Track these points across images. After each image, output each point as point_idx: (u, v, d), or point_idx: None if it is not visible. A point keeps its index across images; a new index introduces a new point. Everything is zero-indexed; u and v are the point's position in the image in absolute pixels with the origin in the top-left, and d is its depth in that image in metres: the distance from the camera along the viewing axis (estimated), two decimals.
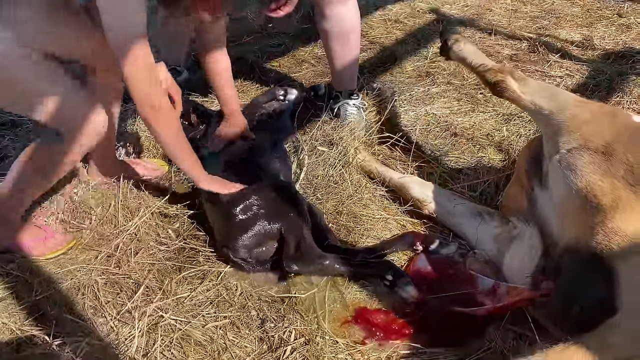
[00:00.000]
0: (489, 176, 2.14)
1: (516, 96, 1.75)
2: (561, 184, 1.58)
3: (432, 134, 2.48)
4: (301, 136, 2.37)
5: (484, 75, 1.85)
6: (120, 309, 1.65)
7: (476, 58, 1.92)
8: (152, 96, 1.59)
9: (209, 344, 1.55)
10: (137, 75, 1.54)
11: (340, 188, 2.09)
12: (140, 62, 1.53)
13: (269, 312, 1.64)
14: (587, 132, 1.57)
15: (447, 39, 2.06)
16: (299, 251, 1.72)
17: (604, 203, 1.44)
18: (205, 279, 1.74)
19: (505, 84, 1.76)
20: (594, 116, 1.61)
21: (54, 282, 1.73)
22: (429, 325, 1.59)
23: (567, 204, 1.56)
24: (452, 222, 1.94)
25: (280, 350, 1.52)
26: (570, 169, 1.54)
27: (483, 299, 1.59)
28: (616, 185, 1.45)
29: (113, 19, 1.48)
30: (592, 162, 1.51)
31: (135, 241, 1.88)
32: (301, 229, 1.74)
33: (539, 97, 1.70)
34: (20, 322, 1.60)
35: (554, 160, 1.62)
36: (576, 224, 1.51)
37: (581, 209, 1.50)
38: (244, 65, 3.05)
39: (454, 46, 2.01)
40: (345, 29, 2.34)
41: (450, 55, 2.05)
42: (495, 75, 1.79)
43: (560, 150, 1.60)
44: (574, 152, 1.56)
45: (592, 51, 3.13)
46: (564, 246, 1.54)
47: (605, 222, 1.41)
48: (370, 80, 2.88)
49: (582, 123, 1.59)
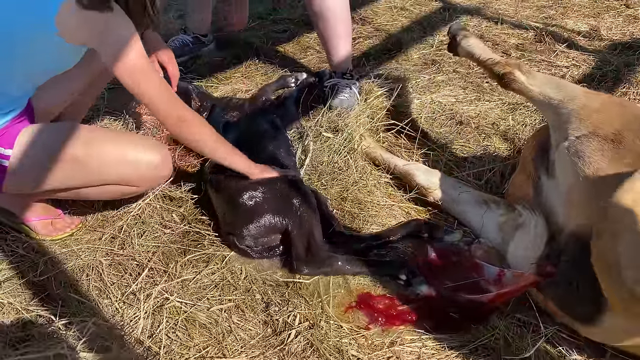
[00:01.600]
0: (495, 164, 2.13)
1: (524, 87, 1.79)
2: (569, 171, 1.59)
3: (438, 122, 2.47)
4: (306, 122, 2.36)
5: (491, 68, 1.89)
6: (124, 290, 1.66)
7: (484, 53, 1.97)
8: (173, 110, 1.63)
9: (214, 326, 1.55)
10: (152, 100, 1.59)
11: (345, 174, 2.09)
12: (151, 84, 1.57)
13: (273, 295, 1.64)
14: (597, 120, 1.59)
15: (455, 34, 2.09)
16: (309, 253, 1.71)
17: (612, 190, 1.44)
18: (210, 262, 1.74)
19: (514, 75, 1.80)
20: (603, 105, 1.64)
21: (59, 263, 1.74)
22: (434, 312, 1.59)
23: (574, 192, 1.57)
24: (456, 210, 1.94)
25: (285, 333, 1.53)
26: (579, 155, 1.56)
27: (488, 287, 1.60)
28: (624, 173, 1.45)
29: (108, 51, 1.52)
30: (601, 149, 1.53)
31: (140, 223, 1.89)
32: (311, 227, 1.74)
33: (547, 87, 1.74)
34: (26, 302, 1.60)
35: (561, 147, 1.63)
36: (582, 211, 1.51)
37: (588, 196, 1.50)
38: (249, 51, 3.03)
39: (462, 42, 2.05)
40: (331, 10, 2.38)
41: (458, 51, 2.09)
42: (503, 68, 1.84)
43: (569, 137, 1.61)
44: (583, 139, 1.57)
45: (599, 42, 3.11)
46: (569, 232, 1.55)
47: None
48: (376, 68, 2.86)
49: (593, 111, 1.62)
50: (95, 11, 1.46)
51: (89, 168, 1.64)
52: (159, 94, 1.60)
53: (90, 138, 1.66)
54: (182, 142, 1.74)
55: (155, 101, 1.60)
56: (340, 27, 2.43)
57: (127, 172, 1.69)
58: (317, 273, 1.71)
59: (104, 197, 1.80)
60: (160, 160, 1.71)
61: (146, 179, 1.74)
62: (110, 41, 1.51)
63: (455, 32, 2.10)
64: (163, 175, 1.77)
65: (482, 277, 1.64)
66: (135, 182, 1.73)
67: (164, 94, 1.61)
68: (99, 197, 1.80)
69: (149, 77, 1.57)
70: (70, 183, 1.68)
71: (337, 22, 2.42)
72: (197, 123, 1.69)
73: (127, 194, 1.80)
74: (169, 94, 1.63)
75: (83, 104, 1.96)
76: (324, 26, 2.44)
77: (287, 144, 2.16)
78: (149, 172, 1.71)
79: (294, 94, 2.51)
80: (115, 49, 1.51)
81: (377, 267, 1.70)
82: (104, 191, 1.73)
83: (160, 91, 1.60)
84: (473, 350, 1.49)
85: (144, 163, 1.69)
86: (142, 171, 1.70)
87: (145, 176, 1.72)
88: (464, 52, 2.05)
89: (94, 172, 1.65)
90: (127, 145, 1.69)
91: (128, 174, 1.69)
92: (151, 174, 1.73)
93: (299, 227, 1.74)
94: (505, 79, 1.82)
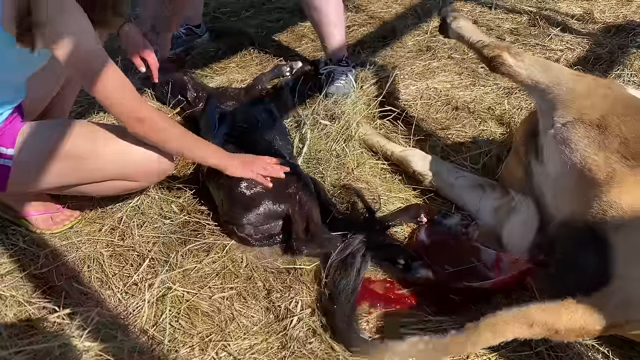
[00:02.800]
0: (491, 148, 2.15)
1: (512, 71, 1.75)
2: (556, 159, 1.59)
3: (434, 108, 2.48)
4: (302, 110, 2.37)
5: (481, 51, 1.85)
6: (126, 280, 1.67)
7: (474, 35, 1.93)
8: (134, 111, 1.55)
9: (216, 314, 1.57)
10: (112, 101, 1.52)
11: (343, 162, 2.10)
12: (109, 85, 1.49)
13: (274, 282, 1.66)
14: (582, 105, 1.57)
15: (445, 16, 2.06)
16: (309, 233, 1.73)
17: (599, 177, 1.45)
18: (211, 251, 1.75)
19: (502, 58, 1.76)
20: (589, 89, 1.62)
21: (60, 255, 1.74)
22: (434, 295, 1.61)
23: (562, 180, 1.57)
24: (453, 194, 1.95)
25: (287, 320, 1.54)
26: (565, 143, 1.55)
27: (486, 272, 1.61)
28: (610, 159, 1.46)
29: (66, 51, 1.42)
30: (587, 136, 1.52)
31: (139, 214, 1.89)
32: (310, 210, 1.75)
33: (535, 71, 1.70)
34: (29, 294, 1.61)
35: (549, 134, 1.62)
36: (572, 199, 1.52)
37: (576, 183, 1.51)
38: (244, 41, 3.02)
39: (452, 24, 2.01)
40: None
41: (449, 33, 2.05)
42: (492, 50, 1.80)
43: (555, 125, 1.60)
44: (569, 126, 1.56)
45: (592, 24, 3.12)
46: (560, 220, 1.55)
47: (601, 196, 1.42)
48: (371, 55, 2.87)
49: (578, 96, 1.60)
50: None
51: (91, 165, 1.63)
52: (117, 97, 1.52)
53: (92, 135, 1.64)
54: (148, 142, 1.63)
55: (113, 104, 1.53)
56: (333, 15, 2.43)
57: (129, 167, 1.68)
58: (317, 254, 1.72)
59: (106, 193, 1.79)
60: (165, 154, 1.70)
61: (149, 174, 1.73)
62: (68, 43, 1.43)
63: (445, 14, 2.07)
64: (166, 169, 1.75)
65: (480, 260, 1.65)
66: (138, 177, 1.72)
67: (121, 95, 1.53)
68: (102, 193, 1.79)
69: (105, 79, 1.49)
70: (74, 181, 1.67)
71: (329, 10, 2.42)
72: (159, 122, 1.61)
73: (130, 189, 1.79)
74: (128, 95, 1.54)
75: (68, 96, 1.94)
76: (317, 15, 2.44)
77: (284, 132, 2.17)
78: (152, 166, 1.70)
79: (290, 83, 2.52)
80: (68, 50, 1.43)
81: (376, 252, 1.72)
82: (106, 187, 1.72)
83: (118, 93, 1.52)
84: None
85: (147, 157, 1.68)
86: (145, 166, 1.69)
87: (148, 170, 1.71)
88: (455, 34, 2.02)
89: (96, 168, 1.65)
90: (129, 140, 1.67)
91: (131, 169, 1.69)
92: (154, 168, 1.72)
93: (299, 210, 1.75)
94: (494, 62, 1.78)
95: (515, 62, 1.74)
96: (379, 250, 1.70)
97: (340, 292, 1.51)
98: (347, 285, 1.52)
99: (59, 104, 1.90)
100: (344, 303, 1.48)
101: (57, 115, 1.90)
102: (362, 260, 1.58)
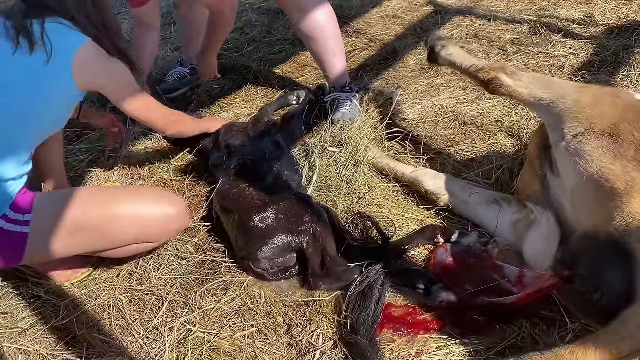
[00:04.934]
0: (503, 162, 2.12)
1: (512, 91, 1.72)
2: (571, 171, 1.55)
3: (441, 125, 2.47)
4: (310, 139, 2.38)
5: (476, 75, 1.83)
6: (147, 325, 1.67)
7: (466, 60, 1.91)
8: (169, 121, 1.98)
9: (239, 353, 1.55)
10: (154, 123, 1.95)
11: (354, 187, 2.09)
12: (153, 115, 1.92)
13: (294, 317, 1.64)
14: (591, 115, 1.54)
15: (433, 46, 2.03)
16: (325, 268, 1.72)
17: (618, 187, 1.41)
18: (229, 289, 1.75)
19: (500, 80, 1.74)
20: (596, 99, 1.59)
21: (80, 304, 1.75)
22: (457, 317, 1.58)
23: (580, 192, 1.53)
24: (469, 211, 1.93)
25: (310, 355, 1.52)
26: (579, 155, 1.52)
27: (510, 288, 1.58)
28: (628, 168, 1.42)
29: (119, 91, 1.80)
30: (600, 145, 1.48)
31: (155, 257, 1.90)
32: (324, 242, 1.74)
33: (536, 88, 1.68)
34: (52, 347, 1.62)
35: (560, 147, 1.59)
36: (592, 211, 1.48)
37: (595, 195, 1.47)
38: (248, 75, 3.07)
39: (442, 52, 1.99)
40: (318, 29, 2.42)
41: (439, 62, 2.03)
42: (488, 73, 1.77)
43: (565, 137, 1.57)
44: (580, 138, 1.53)
45: (594, 27, 3.10)
46: (582, 233, 1.51)
47: (622, 207, 1.38)
48: (374, 78, 2.88)
49: (585, 107, 1.57)
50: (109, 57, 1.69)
51: (107, 234, 1.67)
52: (158, 118, 1.94)
53: (106, 202, 1.68)
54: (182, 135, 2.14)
55: (156, 124, 1.96)
56: (331, 44, 2.46)
57: (147, 231, 1.73)
58: (335, 288, 1.70)
59: (125, 255, 1.81)
60: (177, 213, 1.77)
61: (164, 234, 1.80)
62: (121, 84, 1.78)
63: (432, 44, 2.04)
64: (180, 228, 1.84)
65: (502, 277, 1.62)
66: (155, 239, 1.78)
67: (160, 114, 1.95)
68: (120, 256, 1.81)
69: (152, 110, 1.91)
70: (92, 249, 1.71)
71: (327, 40, 2.44)
72: (182, 120, 2.10)
73: (148, 249, 1.83)
74: (163, 112, 1.97)
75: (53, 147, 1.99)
76: (315, 46, 2.47)
77: (292, 162, 2.17)
78: (167, 226, 1.77)
79: (299, 111, 2.52)
80: (125, 92, 1.80)
81: (395, 278, 1.69)
82: (124, 251, 1.76)
83: (158, 115, 1.94)
84: (500, 352, 1.47)
85: (162, 220, 1.74)
86: (160, 228, 1.76)
87: (163, 231, 1.78)
88: (446, 62, 1.99)
89: (115, 236, 1.69)
90: (142, 204, 1.72)
91: (148, 233, 1.74)
92: (169, 228, 1.79)
93: (313, 244, 1.74)
94: (492, 85, 1.75)
95: (514, 82, 1.72)
96: (398, 276, 1.68)
97: (361, 324, 1.49)
98: (367, 318, 1.50)
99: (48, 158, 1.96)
100: (365, 335, 1.46)
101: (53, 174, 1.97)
102: (381, 291, 1.56)
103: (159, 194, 1.90)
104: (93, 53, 1.65)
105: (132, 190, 1.84)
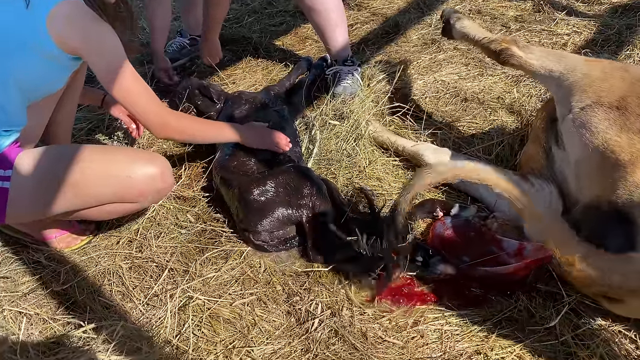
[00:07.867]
0: (503, 138, 2.12)
1: (523, 62, 1.78)
2: (577, 143, 1.57)
3: (443, 100, 2.46)
4: (311, 112, 2.37)
5: (488, 46, 1.89)
6: (147, 292, 1.68)
7: (479, 33, 1.97)
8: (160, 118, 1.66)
9: (238, 320, 1.57)
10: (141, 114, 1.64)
11: (354, 161, 2.09)
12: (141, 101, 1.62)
13: (294, 286, 1.66)
14: (600, 88, 1.57)
15: (449, 18, 2.09)
16: (324, 241, 1.72)
17: (623, 158, 1.43)
18: (229, 258, 1.76)
19: (511, 51, 1.80)
20: (605, 73, 1.61)
21: (80, 270, 1.76)
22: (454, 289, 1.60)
23: (585, 163, 1.55)
24: (468, 186, 1.93)
25: (309, 322, 1.54)
26: (585, 127, 1.54)
27: (509, 260, 1.60)
28: (634, 140, 1.44)
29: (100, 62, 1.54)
30: (607, 118, 1.51)
31: (155, 225, 1.91)
32: (324, 216, 1.74)
33: (547, 60, 1.73)
34: (52, 311, 1.63)
35: (567, 119, 1.61)
36: (596, 182, 1.50)
37: (599, 167, 1.49)
38: (248, 46, 3.04)
39: (456, 24, 2.05)
40: (321, 1, 2.38)
41: (453, 34, 2.09)
42: (500, 44, 1.84)
43: (573, 109, 1.59)
44: (588, 110, 1.55)
45: (598, 6, 3.08)
46: (585, 204, 1.53)
47: (626, 177, 1.40)
48: (376, 52, 2.86)
49: (595, 80, 1.59)
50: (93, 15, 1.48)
51: (85, 190, 1.60)
52: (150, 110, 1.64)
53: (85, 160, 1.60)
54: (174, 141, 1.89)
55: (147, 117, 1.65)
56: (333, 16, 2.43)
57: (123, 190, 1.63)
58: (333, 260, 1.72)
59: (109, 217, 1.76)
60: (158, 173, 1.65)
61: (145, 194, 1.66)
62: (105, 53, 1.53)
63: (448, 16, 2.09)
64: (162, 188, 1.69)
65: (501, 250, 1.64)
66: (135, 199, 1.66)
67: (155, 107, 1.65)
68: (104, 218, 1.76)
69: (140, 96, 1.62)
70: (70, 207, 1.63)
71: (329, 12, 2.41)
72: (181, 122, 1.74)
73: (129, 212, 1.75)
74: (156, 106, 1.66)
75: (64, 121, 1.94)
76: (317, 18, 2.44)
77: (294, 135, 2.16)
78: (147, 186, 1.65)
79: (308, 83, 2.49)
80: (110, 65, 1.54)
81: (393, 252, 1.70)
82: (106, 211, 1.69)
83: (147, 106, 1.63)
84: (496, 324, 1.50)
85: (141, 178, 1.63)
86: (140, 187, 1.63)
87: (144, 191, 1.65)
88: (459, 34, 2.04)
89: (90, 194, 1.61)
90: (122, 162, 1.63)
91: (125, 191, 1.63)
92: (150, 188, 1.66)
93: (312, 216, 1.74)
94: (503, 55, 1.82)
95: (525, 54, 1.78)
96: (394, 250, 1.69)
97: None
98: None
99: (56, 130, 1.91)
100: None
101: (58, 140, 1.91)
102: None
103: (139, 152, 1.83)
104: (75, 9, 1.47)
105: (111, 148, 1.69)
